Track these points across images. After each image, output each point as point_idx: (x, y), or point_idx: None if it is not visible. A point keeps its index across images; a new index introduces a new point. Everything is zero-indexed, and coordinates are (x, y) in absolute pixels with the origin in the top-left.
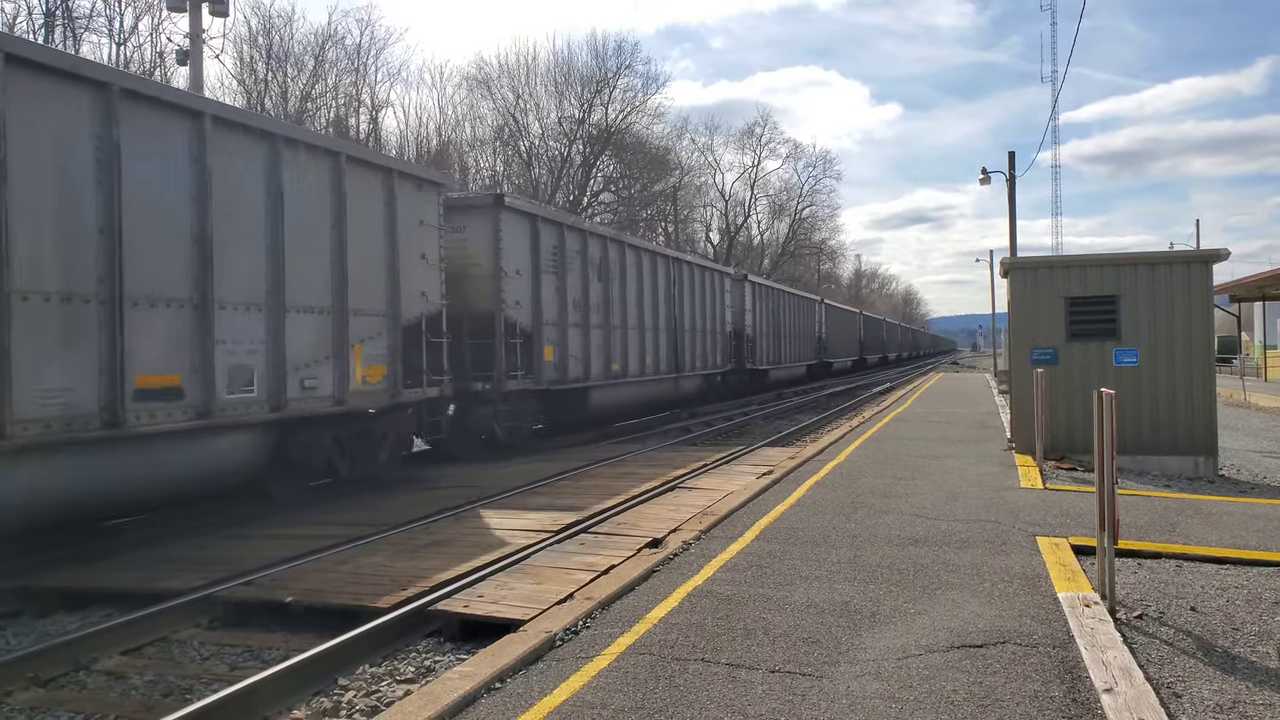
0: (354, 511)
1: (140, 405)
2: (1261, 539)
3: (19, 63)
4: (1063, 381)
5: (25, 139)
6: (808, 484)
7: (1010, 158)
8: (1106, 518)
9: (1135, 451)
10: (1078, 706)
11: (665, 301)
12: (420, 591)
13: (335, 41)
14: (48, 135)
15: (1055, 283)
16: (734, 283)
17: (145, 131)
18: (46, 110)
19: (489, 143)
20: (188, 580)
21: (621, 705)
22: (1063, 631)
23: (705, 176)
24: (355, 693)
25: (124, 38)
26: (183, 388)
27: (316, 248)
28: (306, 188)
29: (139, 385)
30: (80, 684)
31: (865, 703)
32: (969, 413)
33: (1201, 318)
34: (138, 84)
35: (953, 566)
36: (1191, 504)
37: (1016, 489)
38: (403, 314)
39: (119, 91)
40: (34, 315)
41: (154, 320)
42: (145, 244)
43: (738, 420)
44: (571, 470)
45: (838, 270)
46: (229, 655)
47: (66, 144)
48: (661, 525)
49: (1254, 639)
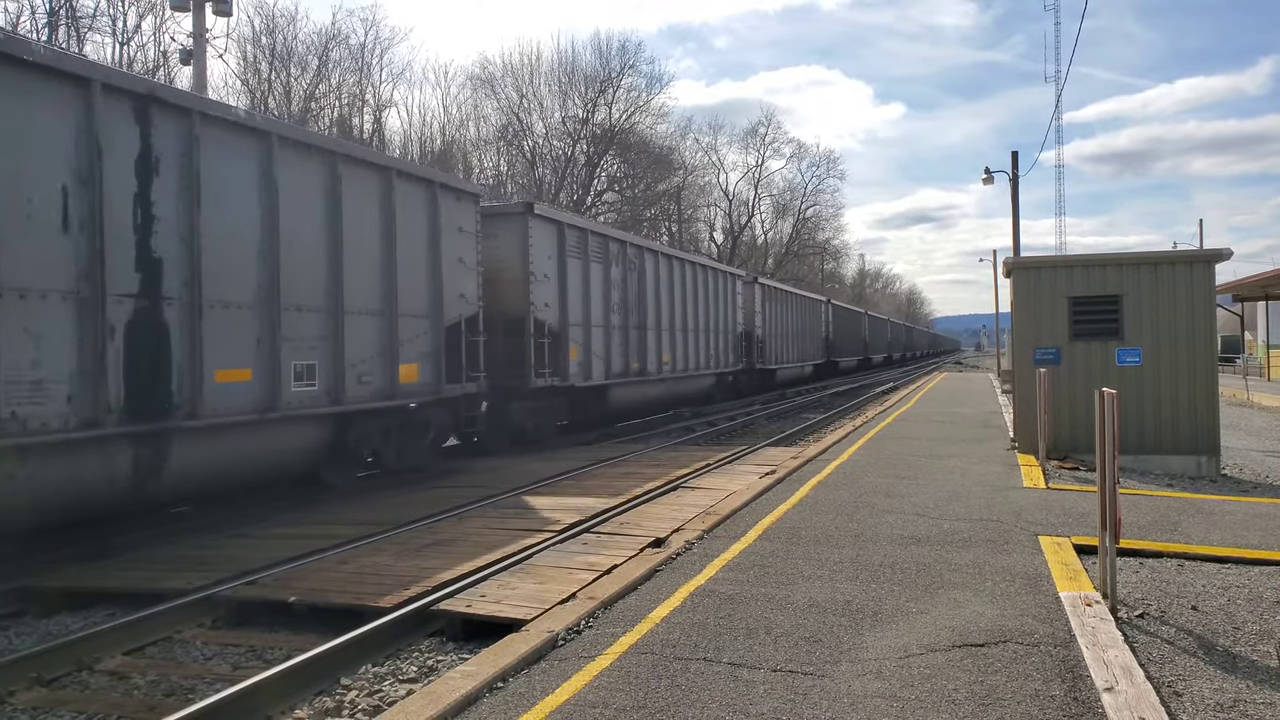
0: (359, 510)
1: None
2: (1263, 538)
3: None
4: (1065, 381)
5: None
6: (810, 483)
7: (1013, 157)
8: (1108, 517)
9: (1138, 451)
10: (1079, 705)
11: (681, 303)
12: (423, 591)
13: (339, 41)
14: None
15: (1058, 282)
16: (745, 285)
17: (225, 155)
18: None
19: (493, 142)
20: (190, 580)
21: (623, 704)
22: (1064, 630)
23: (709, 176)
24: (358, 692)
25: (127, 37)
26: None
27: (369, 255)
28: (360, 200)
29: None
30: (83, 684)
31: (867, 702)
32: (972, 412)
33: (1204, 317)
34: (290, 132)
35: (955, 566)
36: (1193, 503)
37: (1019, 488)
38: (445, 315)
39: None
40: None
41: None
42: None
43: (741, 420)
44: (574, 470)
45: (841, 270)
46: (232, 655)
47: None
48: (664, 525)
49: (1255, 638)
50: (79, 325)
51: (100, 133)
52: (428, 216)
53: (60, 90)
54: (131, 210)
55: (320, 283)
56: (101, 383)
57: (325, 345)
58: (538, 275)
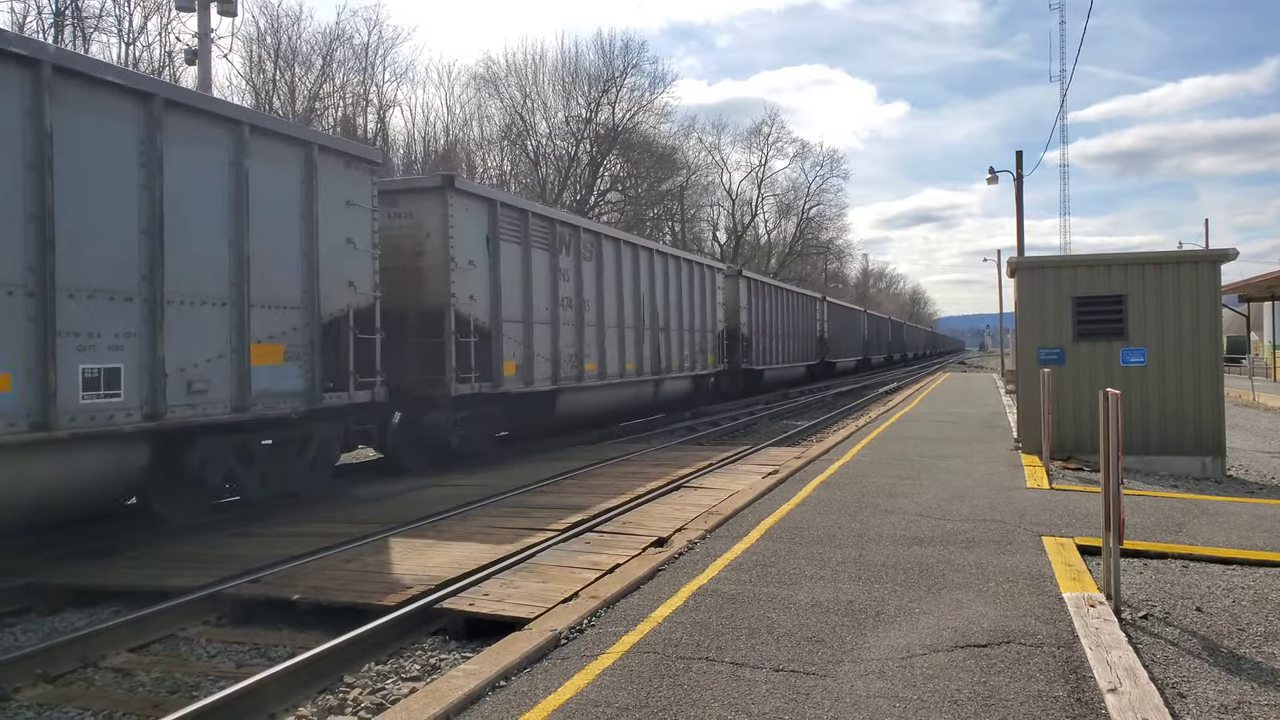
0: (365, 508)
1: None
2: (1269, 539)
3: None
4: (1070, 381)
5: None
6: (813, 483)
7: (1018, 157)
8: (1112, 518)
9: (1143, 452)
10: (1081, 706)
11: (648, 298)
12: (426, 589)
13: (343, 41)
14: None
15: (1062, 282)
16: (727, 279)
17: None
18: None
19: (496, 142)
20: (195, 578)
21: (625, 703)
22: (1067, 631)
23: (712, 176)
24: (361, 690)
25: (133, 37)
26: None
27: (207, 228)
28: (196, 160)
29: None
30: (88, 681)
31: (869, 702)
32: (976, 412)
33: (1209, 318)
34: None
35: (958, 566)
36: (1198, 504)
37: (1023, 489)
38: (323, 307)
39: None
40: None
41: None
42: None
43: (743, 420)
44: (576, 470)
45: (845, 270)
46: (236, 652)
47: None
48: (667, 524)
49: (1260, 639)
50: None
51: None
52: (301, 184)
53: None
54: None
55: (131, 261)
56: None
57: (134, 343)
58: (460, 262)
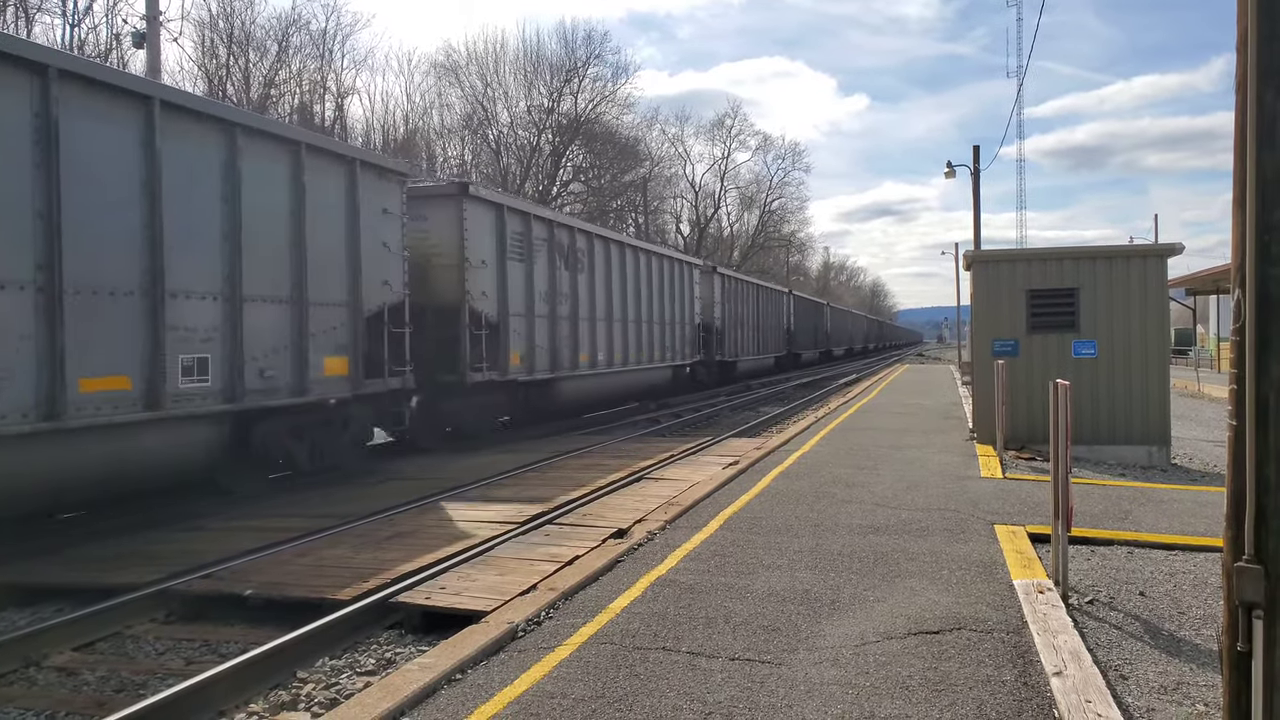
0: (318, 504)
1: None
2: (1209, 525)
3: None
4: (1023, 373)
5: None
6: (772, 474)
7: (975, 152)
8: (1060, 506)
9: (1093, 441)
10: (1028, 689)
11: (634, 293)
12: (382, 583)
13: (300, 26)
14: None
15: (1017, 276)
16: (702, 274)
17: (94, 121)
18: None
19: (457, 131)
20: (143, 574)
21: (582, 694)
22: (1016, 617)
23: (675, 168)
24: (314, 685)
25: (78, 19)
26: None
27: (274, 236)
28: (264, 175)
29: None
30: (30, 680)
31: (823, 689)
32: (933, 404)
33: (1157, 310)
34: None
35: (912, 555)
36: (1144, 492)
37: (977, 478)
38: (365, 304)
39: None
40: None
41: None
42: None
43: (705, 411)
44: (538, 462)
45: (806, 262)
46: (185, 650)
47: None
48: (627, 516)
49: (1199, 622)
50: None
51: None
52: (345, 195)
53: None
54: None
55: (217, 266)
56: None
57: (219, 336)
58: (474, 261)
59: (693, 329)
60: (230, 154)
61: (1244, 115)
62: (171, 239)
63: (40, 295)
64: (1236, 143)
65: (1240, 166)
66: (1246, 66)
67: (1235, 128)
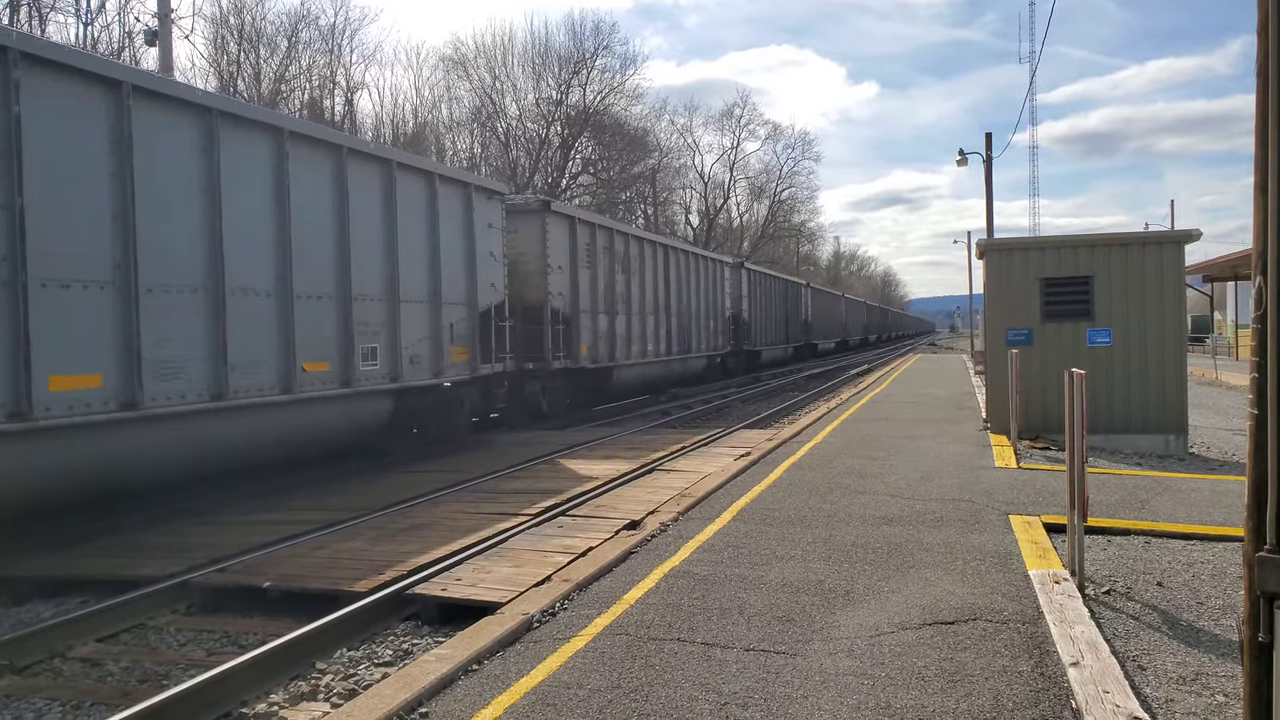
0: (336, 496)
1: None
2: (1228, 515)
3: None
4: (1037, 362)
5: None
6: (785, 465)
7: (987, 139)
8: (1076, 496)
9: (1108, 430)
10: (1044, 680)
11: (677, 290)
12: (398, 575)
13: (309, 22)
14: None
15: (1030, 264)
16: (731, 270)
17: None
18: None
19: (466, 124)
20: (164, 566)
21: (597, 685)
22: (1032, 608)
23: (684, 158)
24: (333, 676)
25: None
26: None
27: (419, 251)
28: (411, 202)
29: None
30: (56, 671)
31: (838, 679)
32: (945, 393)
33: (1174, 298)
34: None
35: (926, 545)
36: (1161, 482)
37: (991, 468)
38: (479, 303)
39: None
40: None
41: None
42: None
43: (716, 403)
44: (550, 454)
45: (817, 252)
46: (206, 641)
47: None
48: (639, 507)
49: (1218, 612)
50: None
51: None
52: (463, 214)
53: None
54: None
55: (383, 275)
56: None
57: (385, 331)
58: (553, 266)
59: (724, 322)
60: (388, 184)
61: (1265, 100)
62: (358, 254)
63: (275, 300)
64: (1258, 128)
65: (1262, 152)
66: (1268, 51)
67: (1257, 113)
